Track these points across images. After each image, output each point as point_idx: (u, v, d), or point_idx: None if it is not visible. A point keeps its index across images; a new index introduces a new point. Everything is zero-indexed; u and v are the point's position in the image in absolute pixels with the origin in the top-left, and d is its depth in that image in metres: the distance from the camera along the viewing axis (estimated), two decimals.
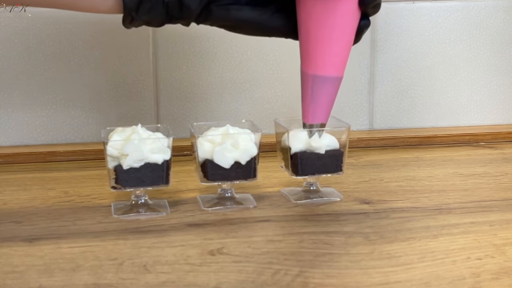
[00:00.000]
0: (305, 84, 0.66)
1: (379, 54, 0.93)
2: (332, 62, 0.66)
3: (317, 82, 0.66)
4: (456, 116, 0.97)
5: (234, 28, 0.66)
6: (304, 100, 0.67)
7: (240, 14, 0.64)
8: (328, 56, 0.65)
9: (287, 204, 0.69)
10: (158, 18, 0.63)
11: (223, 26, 0.66)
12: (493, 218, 0.64)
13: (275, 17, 0.65)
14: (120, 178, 0.64)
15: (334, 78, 0.66)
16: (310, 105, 0.66)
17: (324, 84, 0.66)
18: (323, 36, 0.65)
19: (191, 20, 0.64)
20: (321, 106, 0.66)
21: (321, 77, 0.65)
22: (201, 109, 0.91)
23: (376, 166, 0.82)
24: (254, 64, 0.91)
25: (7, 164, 0.83)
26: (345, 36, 0.65)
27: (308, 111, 0.67)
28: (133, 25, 0.64)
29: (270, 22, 0.65)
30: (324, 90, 0.66)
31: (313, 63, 0.65)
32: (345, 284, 0.51)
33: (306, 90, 0.66)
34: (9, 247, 0.58)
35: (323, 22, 0.64)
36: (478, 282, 0.51)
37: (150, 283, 0.51)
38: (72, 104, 0.88)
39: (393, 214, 0.65)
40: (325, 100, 0.66)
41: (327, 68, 0.65)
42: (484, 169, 0.80)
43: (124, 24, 0.64)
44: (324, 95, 0.66)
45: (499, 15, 0.94)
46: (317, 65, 0.65)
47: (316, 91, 0.66)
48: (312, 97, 0.66)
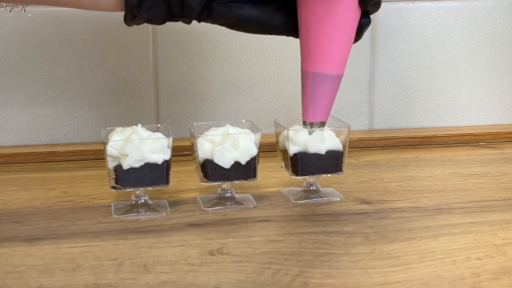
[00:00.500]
0: (305, 82, 0.66)
1: (379, 54, 0.93)
2: (332, 60, 0.66)
3: (317, 80, 0.66)
4: (456, 116, 0.97)
5: (235, 26, 0.66)
6: (304, 98, 0.67)
7: (241, 12, 0.64)
8: (328, 54, 0.65)
9: (287, 204, 0.69)
10: (160, 16, 0.63)
11: (224, 24, 0.66)
12: (493, 218, 0.64)
13: (276, 15, 0.65)
14: (120, 178, 0.64)
15: (335, 76, 0.66)
16: (310, 103, 0.66)
17: (325, 82, 0.66)
18: (324, 34, 0.65)
19: (192, 18, 0.64)
20: (321, 104, 0.66)
21: (322, 75, 0.66)
22: (201, 109, 0.91)
23: (376, 166, 0.82)
24: (254, 64, 0.91)
25: (7, 164, 0.83)
26: (345, 34, 0.65)
27: (308, 109, 0.67)
28: (134, 23, 0.64)
29: (271, 20, 0.65)
30: (324, 88, 0.66)
31: (314, 61, 0.66)
32: (345, 284, 0.51)
33: (306, 88, 0.66)
34: (9, 247, 0.58)
35: (324, 20, 0.64)
36: (478, 282, 0.51)
37: (150, 283, 0.51)
38: (72, 104, 0.88)
39: (393, 214, 0.65)
40: (326, 98, 0.66)
41: (327, 66, 0.65)
42: (484, 169, 0.80)
43: (125, 21, 0.64)
44: (325, 93, 0.66)
45: (499, 15, 0.94)
46: (317, 63, 0.65)
47: (317, 89, 0.66)
48: (312, 95, 0.66)
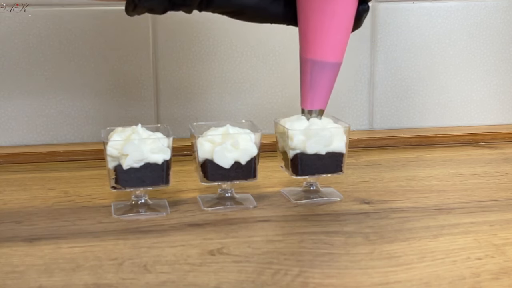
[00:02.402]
0: (304, 70, 0.67)
1: (379, 54, 0.93)
2: (331, 48, 0.66)
3: (316, 68, 0.66)
4: (456, 116, 0.97)
5: (235, 15, 0.66)
6: (303, 87, 0.67)
7: (242, 0, 0.64)
8: (327, 42, 0.66)
9: (287, 204, 0.69)
10: (161, 5, 0.63)
11: (224, 12, 0.66)
12: (493, 218, 0.64)
13: (276, 3, 0.66)
14: (120, 178, 0.64)
15: (334, 63, 0.66)
16: (309, 91, 0.67)
17: (323, 70, 0.66)
18: (322, 22, 0.65)
19: (193, 7, 0.64)
20: (320, 92, 0.67)
21: (320, 63, 0.66)
22: (201, 109, 0.91)
23: (376, 166, 0.82)
24: (254, 64, 0.91)
25: (7, 164, 0.83)
26: (344, 22, 0.66)
27: (307, 97, 0.67)
28: (136, 13, 0.64)
29: (271, 9, 0.66)
30: (323, 76, 0.66)
31: (312, 49, 0.66)
32: (345, 284, 0.51)
33: (305, 76, 0.67)
34: (9, 247, 0.58)
35: (322, 8, 0.65)
36: (478, 282, 0.51)
37: (150, 283, 0.51)
38: (72, 104, 0.88)
39: (393, 214, 0.65)
40: (324, 86, 0.66)
41: (326, 54, 0.66)
42: (484, 169, 0.80)
43: (126, 11, 0.63)
44: (323, 81, 0.66)
45: (499, 15, 0.94)
46: (316, 51, 0.66)
47: (315, 77, 0.66)
48: (311, 83, 0.66)
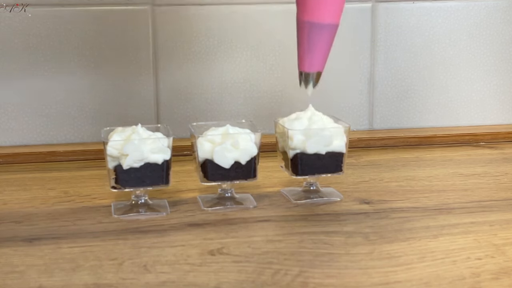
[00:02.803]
0: (301, 33, 0.67)
1: (379, 54, 0.93)
2: (328, 10, 0.66)
3: (313, 30, 0.66)
4: (456, 116, 0.97)
5: None
6: (300, 49, 0.67)
7: None
8: (324, 3, 0.66)
9: (287, 204, 0.69)
10: None
11: None
12: (493, 218, 0.64)
13: None
14: (120, 178, 0.64)
15: (331, 25, 0.66)
16: (306, 53, 0.67)
17: (321, 32, 0.66)
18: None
19: None
20: (318, 54, 0.67)
21: (318, 25, 0.66)
22: (201, 109, 0.91)
23: (376, 166, 0.82)
24: (254, 64, 0.91)
25: (7, 164, 0.83)
26: None
27: (304, 60, 0.67)
28: None
29: None
30: (321, 38, 0.66)
31: (310, 11, 0.66)
32: (345, 284, 0.51)
33: (302, 39, 0.67)
34: (9, 247, 0.58)
35: None
36: (478, 282, 0.51)
37: (150, 283, 0.51)
38: (72, 104, 0.88)
39: (393, 214, 0.65)
40: (322, 48, 0.66)
41: (324, 15, 0.66)
42: (484, 169, 0.80)
43: None
44: (321, 43, 0.66)
45: (499, 15, 0.94)
46: (313, 13, 0.66)
47: (313, 39, 0.66)
48: (309, 46, 0.66)
